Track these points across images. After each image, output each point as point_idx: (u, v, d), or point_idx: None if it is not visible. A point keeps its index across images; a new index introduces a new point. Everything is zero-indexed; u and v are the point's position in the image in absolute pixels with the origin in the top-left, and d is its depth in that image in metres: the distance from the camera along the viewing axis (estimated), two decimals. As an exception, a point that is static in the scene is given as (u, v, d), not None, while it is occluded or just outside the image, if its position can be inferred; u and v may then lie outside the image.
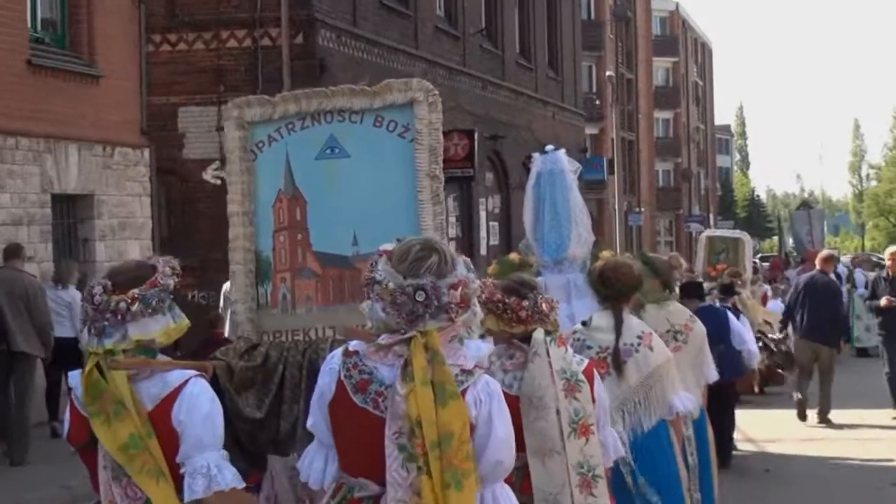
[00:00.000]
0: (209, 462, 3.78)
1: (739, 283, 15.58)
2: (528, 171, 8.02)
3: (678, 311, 7.57)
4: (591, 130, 51.32)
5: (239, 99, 5.59)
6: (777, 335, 17.06)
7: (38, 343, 12.55)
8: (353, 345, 3.79)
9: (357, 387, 3.70)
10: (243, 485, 3.90)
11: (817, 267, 15.98)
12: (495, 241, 30.60)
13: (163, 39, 21.39)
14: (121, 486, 3.81)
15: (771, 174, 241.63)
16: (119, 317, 3.82)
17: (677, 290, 8.68)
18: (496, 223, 31.06)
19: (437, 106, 5.24)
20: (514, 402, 4.51)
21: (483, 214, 29.69)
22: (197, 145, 21.28)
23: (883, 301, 14.95)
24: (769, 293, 21.19)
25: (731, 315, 11.36)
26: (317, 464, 3.89)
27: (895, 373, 15.13)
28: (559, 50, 37.42)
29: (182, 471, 3.77)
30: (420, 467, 3.58)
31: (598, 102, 52.84)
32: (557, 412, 4.70)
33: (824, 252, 17.68)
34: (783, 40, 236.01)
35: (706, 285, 13.78)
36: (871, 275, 19.10)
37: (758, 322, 16.19)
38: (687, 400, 6.34)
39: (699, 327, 7.52)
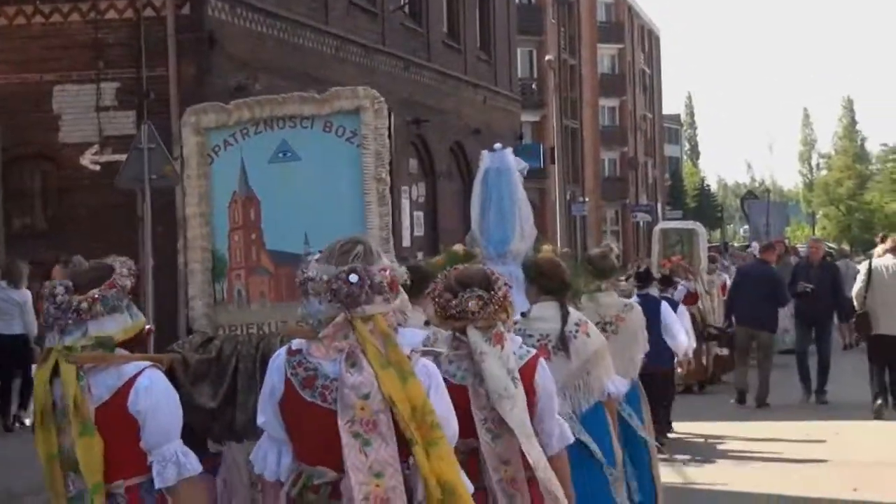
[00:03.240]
0: (177, 450, 4.11)
1: (690, 275, 16.54)
2: (456, 157, 8.51)
3: (609, 304, 7.97)
4: (531, 118, 49.63)
5: (195, 106, 5.81)
6: (723, 324, 17.60)
7: None
8: (296, 344, 4.06)
9: (304, 383, 3.97)
10: (201, 469, 4.22)
11: (757, 256, 17.11)
12: (420, 232, 28.70)
13: (35, 10, 19.34)
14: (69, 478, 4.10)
15: (721, 163, 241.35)
16: (81, 316, 4.09)
17: (623, 278, 9.15)
18: (420, 213, 29.11)
19: (382, 112, 5.53)
20: (456, 391, 4.60)
21: (406, 203, 27.79)
22: (75, 128, 19.26)
23: (799, 287, 16.11)
24: (728, 282, 20.55)
25: (665, 307, 11.64)
26: (270, 457, 4.14)
27: (802, 352, 16.23)
28: (492, 31, 35.44)
29: (149, 460, 4.08)
30: (410, 439, 3.86)
31: (535, 88, 51.04)
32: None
33: (765, 243, 18.94)
34: (732, 29, 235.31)
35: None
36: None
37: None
38: (620, 384, 6.85)
39: (633, 316, 8.01)
